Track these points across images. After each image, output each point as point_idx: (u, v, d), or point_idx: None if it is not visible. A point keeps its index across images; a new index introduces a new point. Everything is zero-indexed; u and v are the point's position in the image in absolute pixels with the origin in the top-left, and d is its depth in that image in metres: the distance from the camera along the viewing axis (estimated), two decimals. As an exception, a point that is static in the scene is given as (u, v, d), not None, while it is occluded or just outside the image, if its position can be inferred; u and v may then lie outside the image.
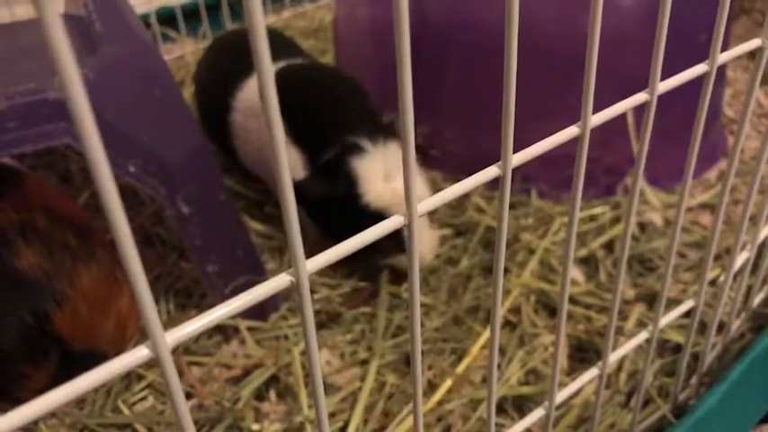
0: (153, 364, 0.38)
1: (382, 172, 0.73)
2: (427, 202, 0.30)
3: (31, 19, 0.78)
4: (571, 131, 0.34)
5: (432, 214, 0.84)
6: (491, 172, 0.31)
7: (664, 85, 0.38)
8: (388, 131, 0.77)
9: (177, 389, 0.24)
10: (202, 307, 0.73)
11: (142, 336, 0.68)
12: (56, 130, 0.56)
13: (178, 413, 0.25)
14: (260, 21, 0.21)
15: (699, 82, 0.41)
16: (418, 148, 0.76)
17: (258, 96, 0.87)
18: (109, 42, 0.59)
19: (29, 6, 1.13)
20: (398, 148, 0.76)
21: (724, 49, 0.40)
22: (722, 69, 0.97)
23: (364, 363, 0.67)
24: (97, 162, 0.19)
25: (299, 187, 0.76)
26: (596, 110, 0.35)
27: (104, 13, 0.61)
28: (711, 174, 0.95)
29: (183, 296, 0.75)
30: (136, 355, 0.23)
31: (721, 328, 0.63)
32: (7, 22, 0.78)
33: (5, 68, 0.63)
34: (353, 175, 0.73)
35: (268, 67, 0.21)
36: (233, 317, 0.25)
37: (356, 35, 1.05)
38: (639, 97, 0.37)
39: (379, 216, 0.70)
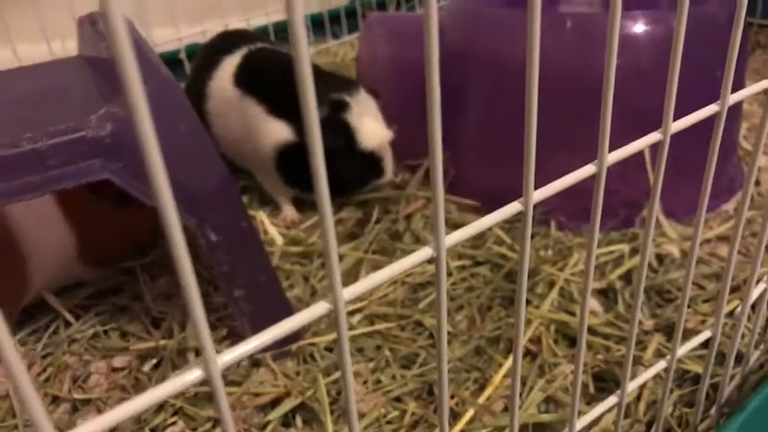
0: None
1: (364, 117, 0.91)
2: (452, 237, 0.32)
3: (37, 64, 0.82)
4: (588, 169, 0.36)
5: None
6: (513, 208, 0.33)
7: (677, 125, 0.40)
8: (350, 84, 0.94)
9: (225, 408, 0.26)
10: (235, 335, 0.75)
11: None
12: (92, 166, 0.59)
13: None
14: (305, 53, 0.23)
15: (715, 116, 0.43)
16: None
17: (228, 84, 0.95)
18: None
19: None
20: (365, 95, 0.94)
21: (739, 83, 0.42)
22: (738, 104, 0.99)
23: (387, 391, 0.69)
24: (164, 198, 0.22)
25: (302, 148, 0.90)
26: (615, 141, 0.36)
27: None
28: (729, 206, 0.96)
29: (214, 325, 0.77)
30: (190, 377, 0.25)
31: (740, 358, 0.64)
32: (14, 68, 0.82)
33: (34, 111, 0.67)
34: (350, 126, 0.90)
35: (312, 107, 0.24)
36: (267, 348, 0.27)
37: (378, 72, 1.08)
38: (653, 137, 0.39)
39: (372, 154, 0.92)
